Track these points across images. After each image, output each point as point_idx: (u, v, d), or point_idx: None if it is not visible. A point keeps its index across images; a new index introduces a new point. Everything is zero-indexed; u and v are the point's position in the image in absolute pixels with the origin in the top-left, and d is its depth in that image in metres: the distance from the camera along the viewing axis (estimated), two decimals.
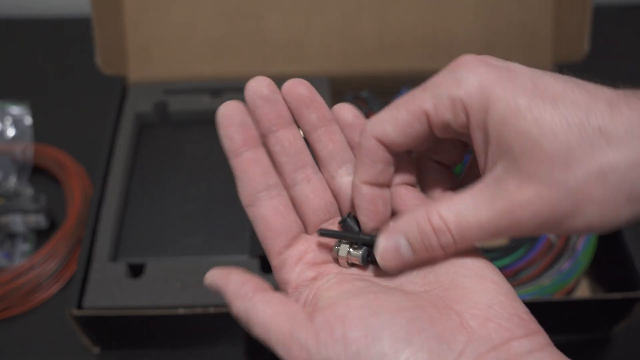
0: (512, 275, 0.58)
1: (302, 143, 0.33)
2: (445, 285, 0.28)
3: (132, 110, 0.69)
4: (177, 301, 0.54)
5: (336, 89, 0.74)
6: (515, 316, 0.26)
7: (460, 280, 0.28)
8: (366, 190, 0.30)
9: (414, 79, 0.74)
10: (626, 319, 0.58)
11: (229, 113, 0.32)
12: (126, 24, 0.73)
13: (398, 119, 0.29)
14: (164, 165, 0.66)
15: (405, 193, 0.31)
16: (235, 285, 0.30)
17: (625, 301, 0.55)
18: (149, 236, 0.60)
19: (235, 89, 0.72)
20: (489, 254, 0.59)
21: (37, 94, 0.85)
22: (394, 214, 0.32)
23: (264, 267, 0.57)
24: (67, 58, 0.92)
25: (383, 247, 0.29)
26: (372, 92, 0.74)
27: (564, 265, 0.60)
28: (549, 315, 0.43)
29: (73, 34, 0.95)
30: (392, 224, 0.30)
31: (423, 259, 0.29)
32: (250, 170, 0.32)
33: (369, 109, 0.71)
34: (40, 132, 0.79)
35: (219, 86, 0.72)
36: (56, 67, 0.90)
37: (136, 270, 0.57)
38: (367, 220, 0.31)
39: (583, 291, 0.63)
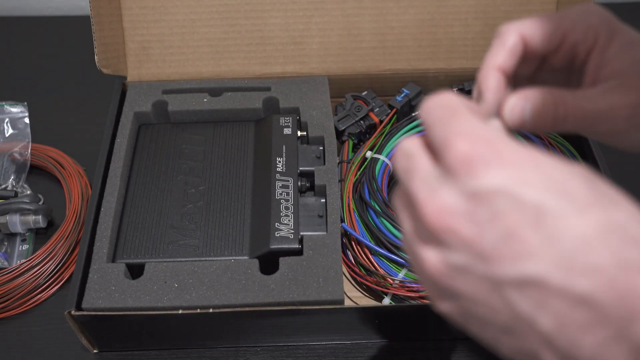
0: None
1: None
2: None
3: (131, 110, 0.69)
4: (176, 302, 0.54)
5: (336, 89, 0.74)
6: None
7: None
8: (494, 73, 0.35)
9: (414, 79, 0.75)
10: None
11: None
12: (125, 23, 0.72)
13: (543, 27, 0.36)
14: (163, 165, 0.66)
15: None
16: None
17: None
18: (148, 237, 0.60)
19: (234, 89, 0.71)
20: None
21: (36, 93, 0.85)
22: None
23: (263, 268, 0.57)
24: (65, 57, 0.91)
25: (512, 103, 0.34)
26: (372, 92, 0.74)
27: None
28: None
29: (72, 33, 0.95)
30: (524, 91, 0.34)
31: (536, 125, 0.34)
32: None
33: (369, 109, 0.71)
34: (39, 131, 0.79)
35: (218, 86, 0.72)
36: (55, 67, 0.90)
37: (135, 271, 0.57)
38: (491, 98, 0.35)
39: None
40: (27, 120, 0.79)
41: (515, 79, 0.38)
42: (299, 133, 0.67)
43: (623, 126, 0.35)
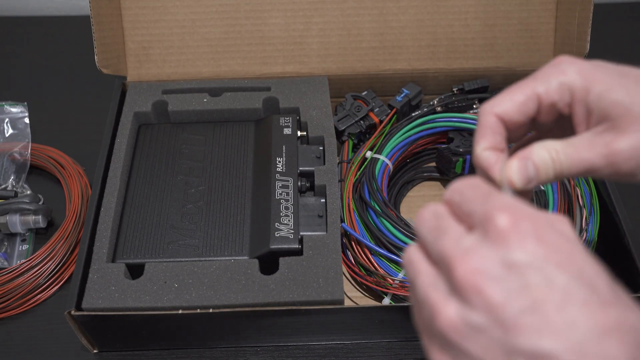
0: None
1: None
2: None
3: (130, 110, 0.69)
4: (176, 302, 0.54)
5: (336, 89, 0.74)
6: None
7: None
8: (487, 154, 0.37)
9: (414, 79, 0.75)
10: None
11: None
12: (125, 23, 0.72)
13: (514, 100, 0.36)
14: (163, 165, 0.66)
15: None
16: None
17: None
18: (148, 237, 0.60)
19: (234, 89, 0.71)
20: None
21: (36, 93, 0.85)
22: None
23: (263, 268, 0.57)
24: (65, 57, 0.91)
25: (516, 167, 0.36)
26: (372, 92, 0.74)
27: None
28: None
29: (72, 33, 0.95)
30: (520, 152, 0.36)
31: (540, 180, 0.36)
32: None
33: (369, 109, 0.71)
34: (39, 131, 0.79)
35: (218, 86, 0.72)
36: (55, 67, 0.90)
37: (135, 271, 0.57)
38: (497, 171, 0.37)
39: None
40: (27, 120, 0.79)
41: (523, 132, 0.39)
42: (299, 133, 0.67)
43: (627, 168, 0.34)
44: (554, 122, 0.38)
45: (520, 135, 0.40)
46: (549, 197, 0.62)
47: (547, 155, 0.35)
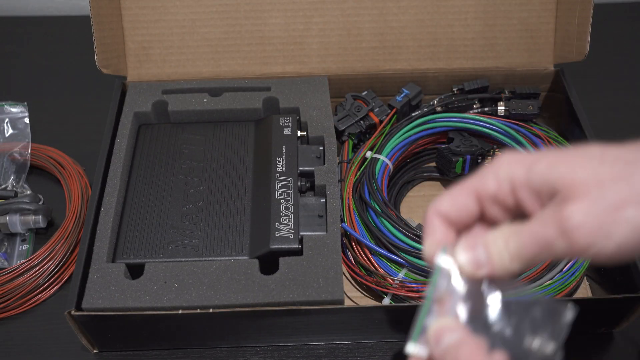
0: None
1: None
2: None
3: (130, 110, 0.69)
4: (176, 302, 0.54)
5: (336, 89, 0.74)
6: None
7: None
8: (432, 248, 0.37)
9: (414, 79, 0.75)
10: (627, 319, 0.58)
11: None
12: (125, 23, 0.72)
13: (454, 198, 0.36)
14: (163, 165, 0.66)
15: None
16: None
17: (626, 301, 0.55)
18: (148, 237, 0.60)
19: (234, 89, 0.71)
20: None
21: (36, 93, 0.85)
22: None
23: (263, 268, 0.57)
24: (65, 57, 0.92)
25: (463, 246, 0.35)
26: (372, 92, 0.74)
27: (565, 265, 0.60)
28: None
29: (72, 33, 0.95)
30: (465, 240, 0.36)
31: (494, 265, 0.34)
32: None
33: (369, 109, 0.71)
34: (39, 131, 0.79)
35: (218, 86, 0.72)
36: (55, 67, 0.90)
37: (135, 271, 0.57)
38: None
39: (584, 291, 0.63)
40: (27, 120, 0.79)
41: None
42: (299, 133, 0.67)
43: (580, 236, 0.32)
44: (512, 216, 0.37)
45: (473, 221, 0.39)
46: None
47: (498, 234, 0.35)
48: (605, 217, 0.31)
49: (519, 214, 0.36)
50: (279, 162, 0.63)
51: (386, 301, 0.60)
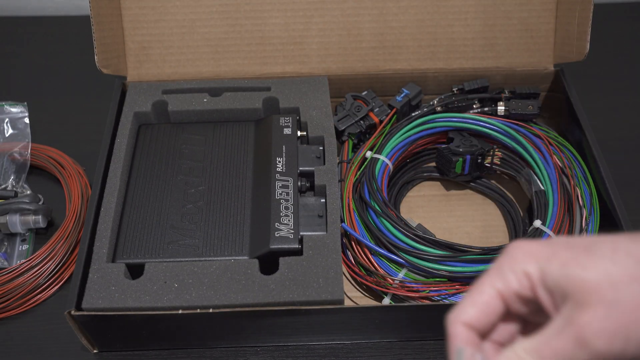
0: None
1: None
2: None
3: (130, 110, 0.69)
4: (176, 302, 0.54)
5: (336, 89, 0.74)
6: None
7: None
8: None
9: (414, 79, 0.75)
10: None
11: None
12: (125, 23, 0.72)
13: (477, 303, 0.34)
14: (163, 165, 0.66)
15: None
16: None
17: None
18: (148, 237, 0.60)
19: (234, 89, 0.71)
20: (493, 254, 0.59)
21: (36, 93, 0.85)
22: None
23: (263, 268, 0.57)
24: (65, 57, 0.92)
25: None
26: (372, 92, 0.74)
27: None
28: None
29: (72, 33, 0.95)
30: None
31: None
32: None
33: (369, 109, 0.71)
34: (39, 131, 0.79)
35: (218, 86, 0.72)
36: (55, 67, 0.90)
37: (135, 271, 0.57)
38: None
39: None
40: (27, 120, 0.79)
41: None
42: (298, 133, 0.67)
43: (601, 346, 0.31)
44: (535, 307, 0.35)
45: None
46: (549, 197, 0.62)
47: (514, 357, 0.33)
48: (622, 321, 0.30)
49: (537, 308, 0.35)
50: (279, 162, 0.63)
51: (386, 301, 0.60)
